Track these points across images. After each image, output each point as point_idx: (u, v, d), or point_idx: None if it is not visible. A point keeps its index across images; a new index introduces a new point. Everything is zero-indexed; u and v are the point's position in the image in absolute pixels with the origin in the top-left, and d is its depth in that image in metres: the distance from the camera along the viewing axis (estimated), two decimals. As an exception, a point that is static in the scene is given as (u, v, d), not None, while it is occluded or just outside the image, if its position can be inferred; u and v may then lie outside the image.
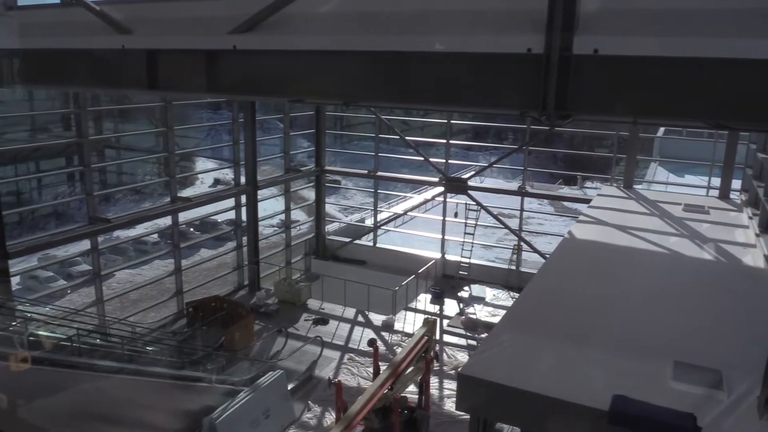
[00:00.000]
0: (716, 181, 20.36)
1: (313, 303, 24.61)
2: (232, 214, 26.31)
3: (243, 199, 25.19)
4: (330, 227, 32.02)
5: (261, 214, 26.21)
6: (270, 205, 30.25)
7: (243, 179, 25.17)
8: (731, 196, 19.42)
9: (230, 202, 25.37)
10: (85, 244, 20.39)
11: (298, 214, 33.37)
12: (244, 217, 25.47)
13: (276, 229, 31.94)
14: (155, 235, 35.35)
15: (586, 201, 20.97)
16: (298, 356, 19.72)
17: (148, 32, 6.69)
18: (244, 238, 25.64)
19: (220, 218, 34.31)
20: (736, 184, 19.88)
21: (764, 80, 5.77)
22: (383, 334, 21.99)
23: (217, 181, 46.27)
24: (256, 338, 21.27)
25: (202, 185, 46.75)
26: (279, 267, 27.41)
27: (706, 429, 6.00)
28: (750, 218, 15.68)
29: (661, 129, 33.94)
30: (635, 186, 21.06)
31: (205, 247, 34.34)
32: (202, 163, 49.42)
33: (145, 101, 25.82)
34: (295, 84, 7.07)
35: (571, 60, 5.98)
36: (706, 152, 23.43)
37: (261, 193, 25.82)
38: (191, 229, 37.70)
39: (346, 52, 6.75)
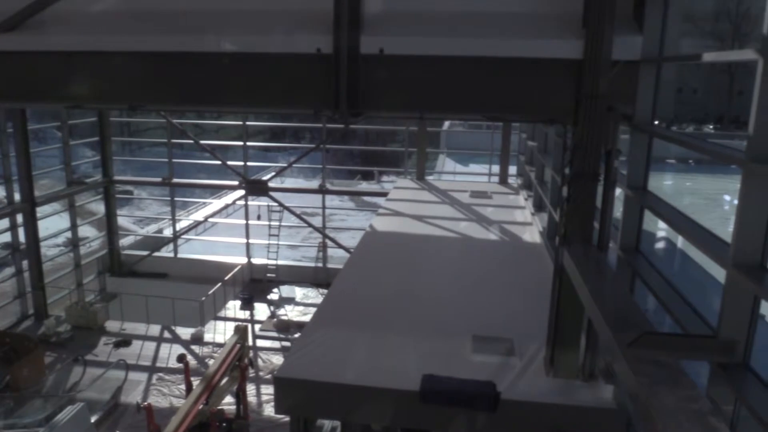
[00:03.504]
0: (496, 168, 22.47)
1: (112, 324, 22.86)
2: (7, 236, 23.49)
3: (19, 218, 22.64)
4: (124, 241, 29.99)
5: (42, 233, 23.83)
6: (53, 222, 27.51)
7: (17, 196, 22.60)
8: (509, 180, 21.55)
9: (4, 222, 22.66)
10: None
11: (87, 230, 30.79)
12: (22, 238, 22.91)
13: (62, 248, 29.16)
14: None
15: (384, 194, 21.89)
16: (101, 384, 18.30)
17: None
18: (25, 262, 23.06)
19: (-8, 242, 30.51)
20: (513, 170, 22.09)
21: (529, 78, 6.49)
22: (193, 347, 21.13)
23: (-16, 201, 41.14)
24: (48, 372, 19.32)
25: (-34, 207, 41.19)
26: (69, 290, 25.10)
27: (504, 392, 6.64)
28: (526, 199, 17.56)
29: (447, 122, 36.60)
30: (427, 177, 22.53)
31: (-24, 277, 30.29)
32: (-37, 182, 43.46)
33: None
34: (70, 88, 6.54)
35: (359, 59, 6.24)
36: (486, 142, 25.69)
37: (41, 210, 23.49)
38: (-44, 258, 33.19)
39: (126, 53, 6.37)
